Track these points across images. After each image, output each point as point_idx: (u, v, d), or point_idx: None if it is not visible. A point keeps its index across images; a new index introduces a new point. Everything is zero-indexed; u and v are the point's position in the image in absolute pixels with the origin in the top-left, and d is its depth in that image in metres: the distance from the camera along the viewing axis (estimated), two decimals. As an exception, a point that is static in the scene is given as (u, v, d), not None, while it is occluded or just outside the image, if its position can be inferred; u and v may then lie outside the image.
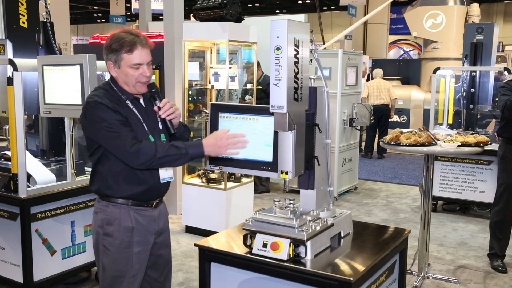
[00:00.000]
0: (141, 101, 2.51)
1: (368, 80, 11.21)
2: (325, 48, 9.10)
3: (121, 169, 2.41)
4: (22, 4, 3.92)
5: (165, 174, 2.51)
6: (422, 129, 4.04)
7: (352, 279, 2.04)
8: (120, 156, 2.35)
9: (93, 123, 2.36)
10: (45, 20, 4.18)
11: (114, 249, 2.47)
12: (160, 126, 2.53)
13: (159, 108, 2.49)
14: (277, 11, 29.32)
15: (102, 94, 2.42)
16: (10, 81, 3.45)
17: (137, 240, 2.49)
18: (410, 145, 3.83)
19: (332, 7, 25.92)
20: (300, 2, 26.24)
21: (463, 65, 7.06)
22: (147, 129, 2.45)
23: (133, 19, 18.91)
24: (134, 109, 2.45)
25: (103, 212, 2.48)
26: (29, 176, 3.62)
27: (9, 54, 3.77)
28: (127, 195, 2.45)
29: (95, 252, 2.56)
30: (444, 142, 3.90)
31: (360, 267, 2.16)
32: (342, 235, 2.50)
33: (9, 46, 3.77)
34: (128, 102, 2.44)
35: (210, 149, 2.34)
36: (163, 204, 2.66)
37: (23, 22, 3.94)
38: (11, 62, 3.47)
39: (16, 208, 3.58)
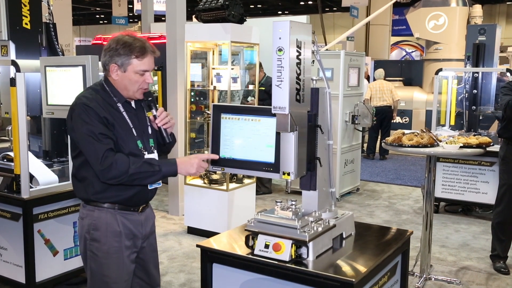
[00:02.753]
0: (133, 104, 2.49)
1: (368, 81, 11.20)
2: (327, 49, 9.10)
3: None
4: (25, 6, 3.93)
5: None
6: (424, 130, 4.04)
7: (354, 280, 2.03)
8: (92, 166, 2.31)
9: (76, 125, 2.32)
10: (47, 21, 4.19)
11: (102, 255, 2.44)
12: (150, 131, 2.52)
13: (155, 117, 2.48)
14: (279, 12, 29.33)
15: (92, 95, 2.39)
16: (13, 82, 3.46)
17: (127, 245, 2.47)
18: (412, 146, 3.83)
19: (334, 8, 25.92)
20: (302, 3, 26.23)
21: (465, 66, 7.05)
22: (136, 134, 2.43)
23: (135, 20, 18.92)
24: (124, 113, 2.42)
25: (89, 217, 2.44)
26: (31, 177, 3.63)
27: (12, 55, 3.77)
28: (114, 200, 2.42)
29: (82, 258, 2.53)
30: (446, 143, 3.90)
31: (362, 268, 2.16)
32: (344, 236, 2.50)
33: (12, 47, 3.78)
34: (119, 105, 2.42)
35: (182, 167, 2.37)
36: (150, 208, 2.64)
37: (26, 23, 3.96)
38: (14, 63, 3.48)
39: (19, 209, 3.59)
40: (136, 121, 2.47)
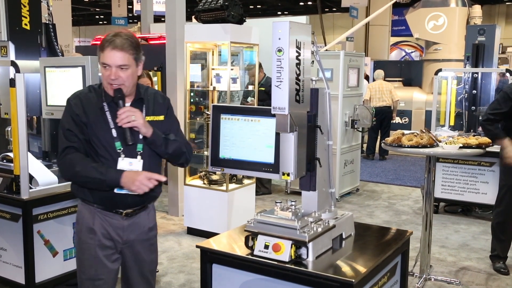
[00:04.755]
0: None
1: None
2: (326, 50, 9.10)
3: None
4: (25, 6, 3.93)
5: None
6: (424, 130, 4.04)
7: (353, 280, 2.03)
8: None
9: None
10: (47, 22, 4.19)
11: (78, 249, 2.51)
12: (141, 136, 2.43)
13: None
14: (279, 12, 29.35)
15: (83, 92, 2.45)
16: (12, 82, 3.46)
17: (104, 244, 2.46)
18: (412, 146, 3.83)
19: (334, 9, 25.94)
20: (301, 3, 26.25)
21: (465, 67, 7.05)
22: (115, 135, 2.38)
23: (135, 20, 18.92)
24: (107, 113, 2.39)
25: (78, 211, 2.54)
26: (31, 178, 3.63)
27: (12, 55, 3.77)
28: (88, 199, 2.45)
29: None
30: (446, 143, 3.90)
31: (362, 269, 2.16)
32: (343, 236, 2.49)
33: (11, 48, 3.77)
34: (105, 104, 2.40)
35: (126, 180, 2.30)
36: (145, 217, 2.57)
37: (26, 24, 3.95)
38: (13, 64, 3.48)
39: (18, 210, 3.58)
40: None
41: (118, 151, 2.39)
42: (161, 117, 2.52)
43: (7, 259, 3.71)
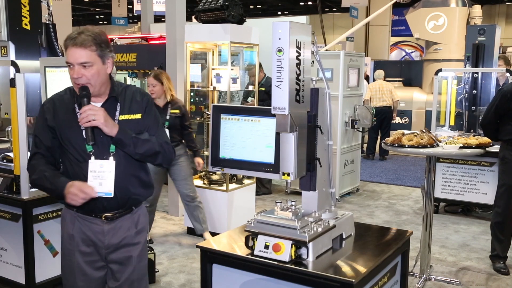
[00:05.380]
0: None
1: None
2: (326, 50, 9.10)
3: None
4: (25, 6, 3.93)
5: (98, 187, 2.30)
6: (424, 130, 4.04)
7: (354, 280, 2.03)
8: None
9: None
10: (47, 22, 4.20)
11: (61, 255, 2.49)
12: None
13: None
14: (279, 12, 29.35)
15: (59, 94, 2.41)
16: (12, 82, 3.46)
17: (83, 251, 2.40)
18: (412, 146, 3.83)
19: (334, 9, 25.94)
20: (302, 3, 26.25)
21: (465, 67, 7.05)
22: (85, 136, 2.28)
23: (135, 21, 18.92)
24: (79, 114, 2.26)
25: (61, 216, 2.51)
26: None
27: (12, 55, 3.78)
28: (66, 203, 2.38)
29: None
30: (446, 143, 3.90)
31: (362, 269, 2.16)
32: (344, 236, 2.49)
33: (11, 48, 3.78)
34: (76, 105, 2.32)
35: (66, 191, 2.25)
36: (129, 220, 2.45)
37: (26, 24, 3.96)
38: (13, 64, 3.48)
39: (19, 210, 3.59)
40: None
41: (89, 153, 2.31)
42: (138, 116, 2.40)
43: (7, 259, 3.72)
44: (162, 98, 4.70)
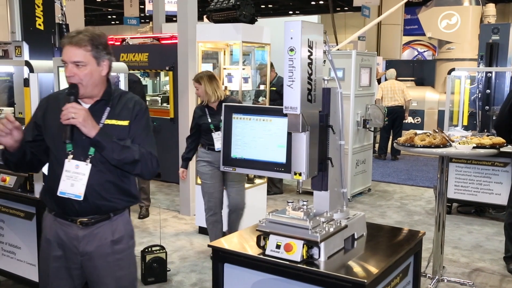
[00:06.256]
0: (84, 104, 2.30)
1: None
2: (338, 49, 9.07)
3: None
4: (39, 7, 3.97)
5: (66, 188, 2.26)
6: (437, 130, 4.01)
7: (366, 281, 2.02)
8: None
9: None
10: (60, 22, 4.23)
11: (39, 258, 2.49)
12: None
13: None
14: (290, 12, 29.29)
15: (56, 93, 2.49)
16: (26, 82, 3.50)
17: (57, 255, 2.36)
18: (424, 146, 3.81)
19: (346, 8, 25.82)
20: (313, 3, 26.17)
21: (479, 66, 6.99)
22: (62, 133, 2.22)
23: (146, 20, 19.01)
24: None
25: (43, 220, 2.49)
26: (44, 176, 3.65)
27: (26, 55, 3.82)
28: (50, 206, 2.37)
29: None
30: (459, 143, 3.87)
31: (374, 269, 2.15)
32: (355, 236, 2.48)
33: (25, 48, 3.82)
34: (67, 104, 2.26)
35: None
36: (107, 229, 2.36)
37: (39, 24, 4.00)
38: (27, 63, 3.52)
39: (32, 208, 3.62)
40: None
41: (68, 152, 2.27)
42: (125, 122, 2.34)
43: (21, 257, 3.75)
44: (212, 100, 4.43)
